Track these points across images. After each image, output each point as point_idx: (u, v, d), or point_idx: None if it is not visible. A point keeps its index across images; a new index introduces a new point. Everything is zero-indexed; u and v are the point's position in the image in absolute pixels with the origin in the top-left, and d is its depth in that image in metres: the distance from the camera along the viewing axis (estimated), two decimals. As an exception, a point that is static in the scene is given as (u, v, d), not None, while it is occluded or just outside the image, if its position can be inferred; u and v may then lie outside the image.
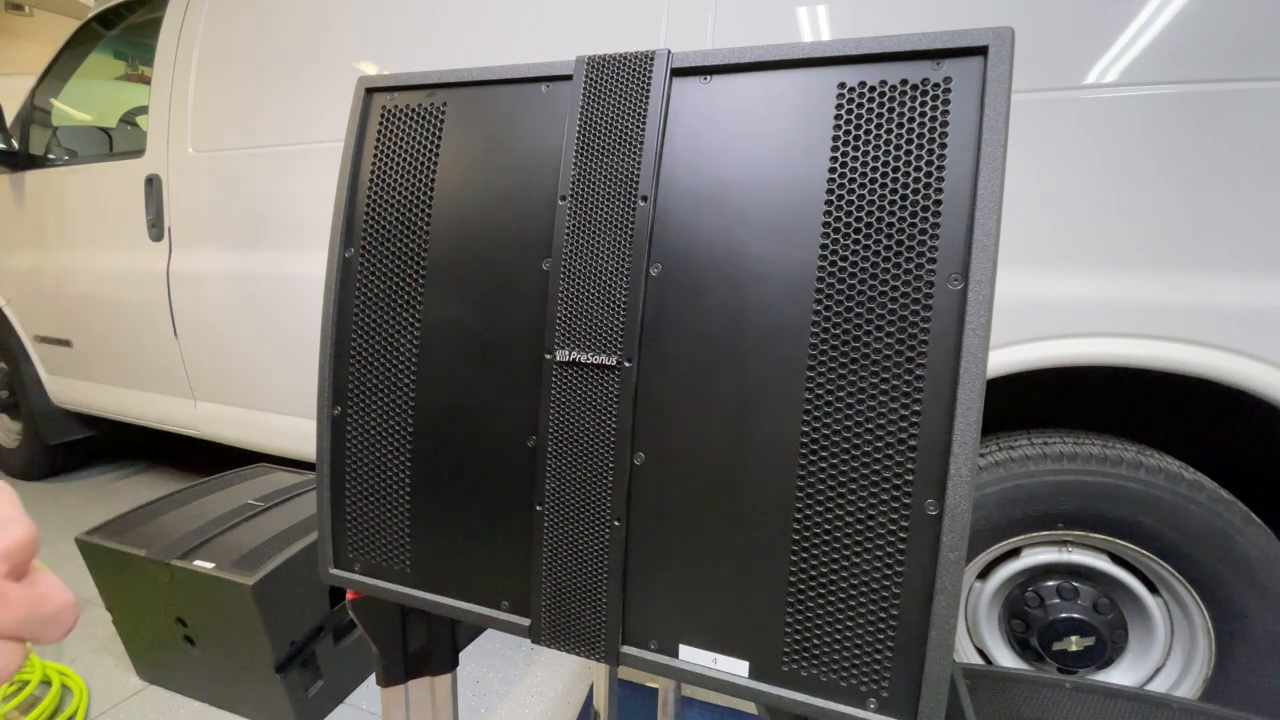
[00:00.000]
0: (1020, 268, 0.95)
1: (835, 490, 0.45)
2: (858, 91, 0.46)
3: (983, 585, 1.10)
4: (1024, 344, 0.96)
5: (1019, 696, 0.77)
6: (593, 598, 0.53)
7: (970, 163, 0.43)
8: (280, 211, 1.56)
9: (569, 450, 0.53)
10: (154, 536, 1.20)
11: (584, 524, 0.53)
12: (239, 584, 1.05)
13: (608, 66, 0.53)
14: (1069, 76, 0.92)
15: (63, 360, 2.15)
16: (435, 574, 0.60)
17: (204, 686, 1.22)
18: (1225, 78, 0.85)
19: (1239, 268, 0.86)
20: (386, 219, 0.61)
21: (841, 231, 0.45)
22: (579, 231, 0.53)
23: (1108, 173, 0.91)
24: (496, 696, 1.28)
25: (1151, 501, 0.94)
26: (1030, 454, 1.00)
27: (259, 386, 1.70)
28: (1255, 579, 0.92)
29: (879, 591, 0.44)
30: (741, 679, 0.49)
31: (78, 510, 2.15)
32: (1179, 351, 0.90)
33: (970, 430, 0.42)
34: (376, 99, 0.63)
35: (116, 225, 1.85)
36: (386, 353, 0.61)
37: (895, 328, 0.44)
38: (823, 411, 0.46)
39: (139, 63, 2.23)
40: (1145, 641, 1.03)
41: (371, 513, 0.62)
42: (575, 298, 0.53)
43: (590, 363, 0.52)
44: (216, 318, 1.70)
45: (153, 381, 1.93)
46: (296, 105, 1.53)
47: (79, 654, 1.38)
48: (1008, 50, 0.42)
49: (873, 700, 0.45)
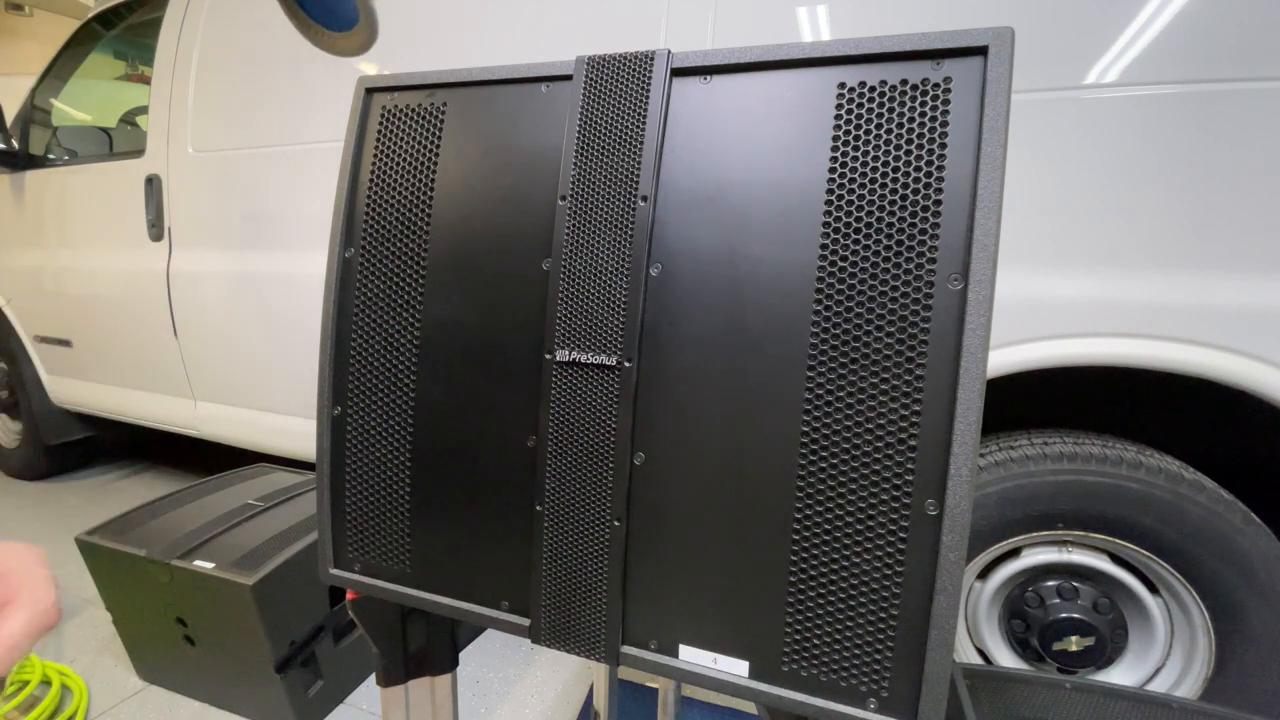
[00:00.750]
0: (1020, 268, 0.95)
1: (835, 490, 0.45)
2: (858, 91, 0.46)
3: (983, 585, 1.10)
4: (1024, 344, 0.96)
5: (1019, 696, 0.77)
6: (593, 598, 0.53)
7: (970, 163, 0.43)
8: (280, 211, 1.56)
9: (569, 450, 0.53)
10: (154, 536, 1.20)
11: (584, 524, 0.53)
12: (239, 584, 1.05)
13: (608, 66, 0.53)
14: (1069, 76, 0.92)
15: (63, 360, 2.15)
16: (435, 574, 0.60)
17: (204, 686, 1.22)
18: (1225, 78, 0.85)
19: (1239, 268, 0.86)
20: (386, 219, 0.61)
21: (841, 231, 0.45)
22: (579, 231, 0.53)
23: (1108, 173, 0.91)
24: (496, 696, 1.28)
25: (1151, 501, 0.94)
26: (1030, 454, 1.00)
27: (259, 386, 1.70)
28: (1255, 579, 0.92)
29: (879, 591, 0.44)
30: (741, 679, 0.49)
31: (78, 510, 2.15)
32: (1179, 351, 0.90)
33: (970, 430, 0.42)
34: (376, 99, 0.63)
35: (116, 225, 1.85)
36: (386, 353, 0.61)
37: (895, 328, 0.44)
38: (823, 411, 0.46)
39: (139, 63, 2.22)
40: (1145, 641, 1.03)
41: (371, 513, 0.62)
42: (575, 298, 0.53)
43: (590, 363, 0.52)
44: (216, 318, 1.70)
45: (153, 381, 1.93)
46: (296, 105, 1.53)
47: (79, 654, 1.38)
48: (1008, 50, 0.42)
49: (873, 700, 0.45)
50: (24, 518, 2.09)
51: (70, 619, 1.52)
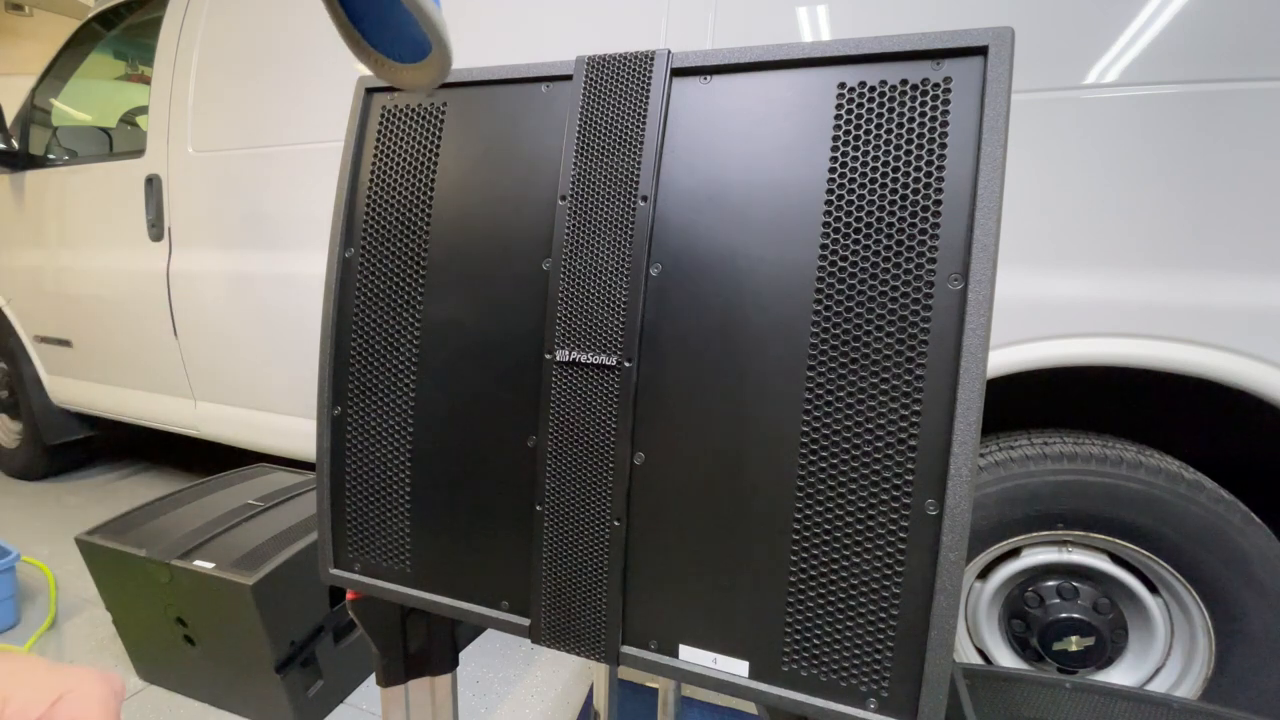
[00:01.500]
0: (1020, 268, 0.95)
1: (835, 490, 0.45)
2: (858, 91, 0.46)
3: (983, 585, 1.09)
4: (1024, 344, 0.96)
5: (1019, 696, 0.77)
6: (592, 597, 0.53)
7: (970, 163, 0.43)
8: (280, 211, 1.56)
9: (569, 450, 0.53)
10: (154, 536, 1.20)
11: (584, 524, 0.53)
12: (239, 584, 1.05)
13: (608, 66, 0.53)
14: (1069, 76, 0.92)
15: (63, 360, 2.15)
16: (435, 574, 0.60)
17: (204, 686, 1.22)
18: (1225, 78, 0.85)
19: (1239, 268, 0.86)
20: (386, 219, 0.61)
21: (841, 231, 0.45)
22: (579, 231, 0.53)
23: (1108, 173, 0.91)
24: (496, 696, 1.28)
25: (1152, 501, 0.94)
26: (1030, 454, 1.00)
27: (259, 386, 1.70)
28: (1255, 579, 0.92)
29: (879, 591, 0.44)
30: (741, 679, 0.49)
31: (78, 510, 2.15)
32: (1179, 351, 0.90)
33: (970, 430, 0.42)
34: (376, 99, 0.63)
35: (116, 225, 1.85)
36: (386, 353, 0.61)
37: (895, 328, 0.44)
38: (823, 411, 0.46)
39: (139, 63, 2.23)
40: (1145, 641, 1.03)
41: (371, 513, 0.62)
42: (575, 298, 0.53)
43: (590, 363, 0.52)
44: (216, 318, 1.70)
45: (153, 381, 1.93)
46: (296, 105, 1.52)
47: (79, 654, 1.38)
48: (1008, 50, 0.42)
49: (873, 700, 0.45)
50: (24, 518, 2.09)
51: (70, 619, 1.52)
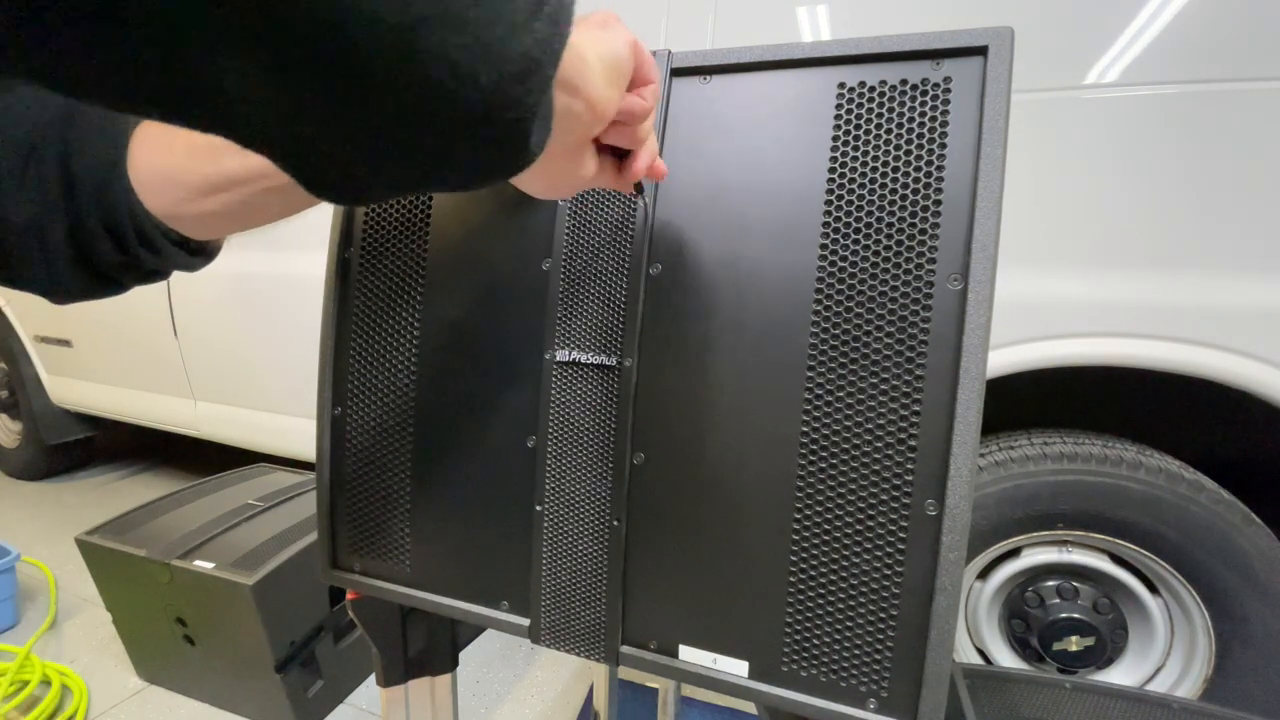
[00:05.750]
0: (1020, 268, 0.95)
1: (835, 490, 0.45)
2: (857, 92, 0.46)
3: (983, 585, 1.10)
4: (1024, 344, 0.96)
5: (1019, 696, 0.78)
6: (592, 598, 0.53)
7: (970, 163, 0.43)
8: (280, 211, 1.56)
9: (569, 450, 0.53)
10: (154, 536, 1.20)
11: (584, 524, 0.53)
12: (239, 584, 1.05)
13: (607, 66, 0.53)
14: (1069, 76, 0.92)
15: (63, 360, 2.15)
16: (435, 574, 0.60)
17: (204, 686, 1.22)
18: (1225, 78, 0.85)
19: (1239, 268, 0.86)
20: (386, 218, 0.61)
21: (841, 231, 0.45)
22: (579, 231, 0.53)
23: (1108, 173, 0.91)
24: (496, 696, 1.28)
25: (1152, 501, 0.94)
26: (1030, 454, 1.00)
27: (259, 386, 1.70)
28: (1255, 579, 0.92)
29: (879, 592, 0.44)
30: (741, 679, 0.49)
31: (78, 510, 2.15)
32: (1179, 352, 0.90)
33: (970, 430, 0.42)
34: (376, 99, 0.63)
35: (116, 225, 1.85)
36: (386, 353, 0.61)
37: (895, 328, 0.44)
38: (822, 411, 0.46)
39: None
40: (1145, 641, 1.03)
41: (371, 513, 0.62)
42: (575, 298, 0.53)
43: (590, 363, 0.52)
44: (216, 318, 1.70)
45: (153, 381, 1.93)
46: (296, 105, 1.52)
47: (79, 654, 1.38)
48: (1008, 50, 0.42)
49: (873, 700, 0.45)
50: (24, 518, 2.09)
51: (70, 619, 1.52)
